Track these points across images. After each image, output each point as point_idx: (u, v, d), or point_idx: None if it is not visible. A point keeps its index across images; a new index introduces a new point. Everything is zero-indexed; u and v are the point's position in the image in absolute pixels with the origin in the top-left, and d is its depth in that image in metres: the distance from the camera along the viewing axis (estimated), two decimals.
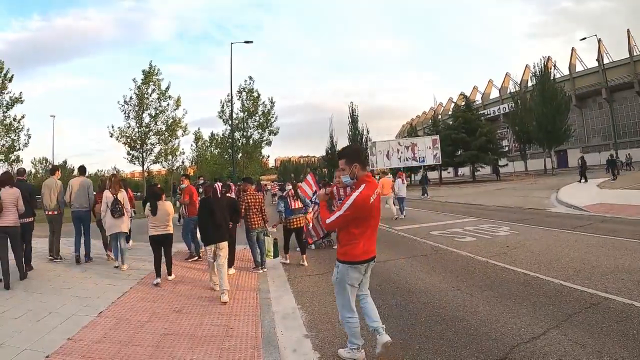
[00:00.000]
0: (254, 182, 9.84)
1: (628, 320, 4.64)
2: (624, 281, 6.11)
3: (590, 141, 70.95)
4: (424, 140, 49.61)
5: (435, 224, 14.21)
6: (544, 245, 9.29)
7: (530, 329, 4.59)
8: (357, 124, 72.39)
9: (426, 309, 5.54)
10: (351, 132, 72.15)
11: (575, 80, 70.58)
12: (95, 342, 4.71)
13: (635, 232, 10.06)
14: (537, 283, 6.38)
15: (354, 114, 72.96)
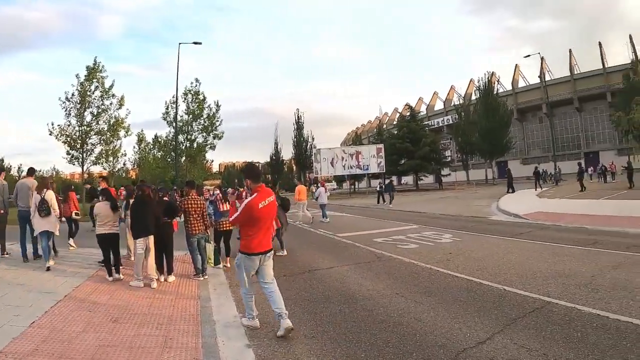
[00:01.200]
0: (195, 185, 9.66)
1: (571, 323, 4.83)
2: (565, 285, 6.41)
3: (530, 153, 77.07)
4: (369, 148, 51.18)
5: (379, 231, 14.41)
6: (486, 252, 9.64)
7: (476, 334, 4.67)
8: (302, 130, 73.79)
9: (371, 316, 5.53)
10: (296, 138, 73.51)
11: (517, 95, 77.17)
12: (26, 355, 4.37)
13: (573, 239, 10.69)
14: (480, 289, 6.55)
15: (299, 121, 74.31)
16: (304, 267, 9.14)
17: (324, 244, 12.35)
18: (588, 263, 7.91)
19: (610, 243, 9.92)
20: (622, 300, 5.56)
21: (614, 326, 4.67)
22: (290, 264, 9.56)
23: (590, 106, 70.05)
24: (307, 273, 8.50)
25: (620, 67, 60.38)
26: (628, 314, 4.99)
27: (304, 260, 9.98)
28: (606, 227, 12.56)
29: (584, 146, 71.26)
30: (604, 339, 4.33)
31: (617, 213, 15.18)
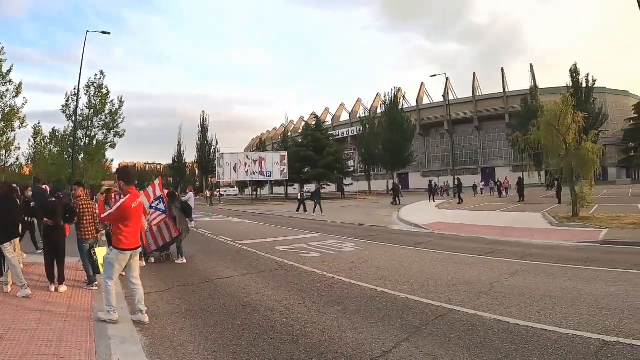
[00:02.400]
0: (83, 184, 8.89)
1: (474, 329, 5.06)
2: (466, 293, 6.77)
3: (430, 166, 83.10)
4: (273, 155, 51.76)
5: (280, 239, 14.37)
6: (388, 261, 9.93)
7: (382, 343, 4.70)
8: (207, 133, 73.89)
9: (274, 327, 5.38)
10: (200, 141, 73.42)
11: (421, 112, 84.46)
12: None
13: (472, 248, 11.48)
14: (383, 298, 6.66)
15: (204, 123, 74.38)
16: (204, 276, 8.82)
17: (224, 252, 12.08)
18: (487, 271, 8.47)
19: (506, 252, 10.80)
20: (520, 305, 5.99)
21: (515, 330, 5.00)
22: (190, 272, 9.23)
23: (489, 126, 78.50)
24: (207, 282, 8.19)
25: (519, 92, 68.28)
26: (527, 319, 5.38)
27: (204, 268, 9.67)
28: (502, 237, 13.65)
29: (481, 162, 78.64)
30: (507, 343, 4.60)
31: (512, 224, 16.80)
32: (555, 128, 17.99)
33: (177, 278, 8.58)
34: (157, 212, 10.35)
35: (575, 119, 18.19)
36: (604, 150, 18.83)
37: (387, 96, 60.05)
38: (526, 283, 7.34)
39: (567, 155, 18.08)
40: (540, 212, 20.91)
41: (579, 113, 18.64)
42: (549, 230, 15.05)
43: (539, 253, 10.59)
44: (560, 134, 17.90)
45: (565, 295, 6.47)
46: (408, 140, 57.45)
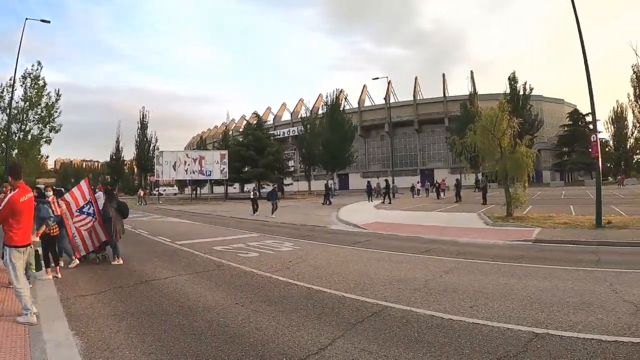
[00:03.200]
0: None
1: (408, 325, 5.19)
2: (401, 290, 6.94)
3: (370, 167, 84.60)
4: (213, 154, 50.99)
5: (219, 239, 14.22)
6: (325, 260, 10.01)
7: (318, 340, 4.74)
8: (146, 130, 72.30)
9: (211, 327, 5.30)
10: (139, 138, 71.68)
11: (362, 113, 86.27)
12: None
13: (409, 247, 11.80)
14: (320, 296, 6.71)
15: (144, 120, 72.63)
16: (141, 277, 8.60)
17: (162, 253, 11.83)
18: (422, 269, 8.72)
19: (442, 251, 11.18)
20: (454, 301, 6.22)
21: (447, 325, 5.18)
22: (127, 273, 9.00)
23: (429, 129, 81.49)
24: (144, 284, 7.98)
25: (459, 97, 71.35)
26: (460, 314, 5.60)
27: (141, 269, 9.43)
28: (439, 236, 14.09)
29: (421, 164, 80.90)
30: (440, 337, 4.77)
31: (448, 224, 17.38)
32: (491, 132, 18.85)
33: (113, 279, 8.34)
34: (87, 217, 10.27)
35: (510, 124, 19.12)
36: (539, 155, 19.90)
37: (329, 97, 60.72)
38: (460, 280, 7.62)
39: (502, 158, 18.98)
40: (476, 212, 21.78)
41: (514, 118, 19.59)
42: (484, 230, 15.67)
43: (474, 251, 11.04)
44: (495, 138, 18.78)
45: (497, 291, 6.78)
46: (348, 141, 58.41)
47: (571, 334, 4.85)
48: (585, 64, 16.36)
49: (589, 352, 4.34)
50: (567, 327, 5.08)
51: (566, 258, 9.93)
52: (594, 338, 4.70)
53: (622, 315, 5.51)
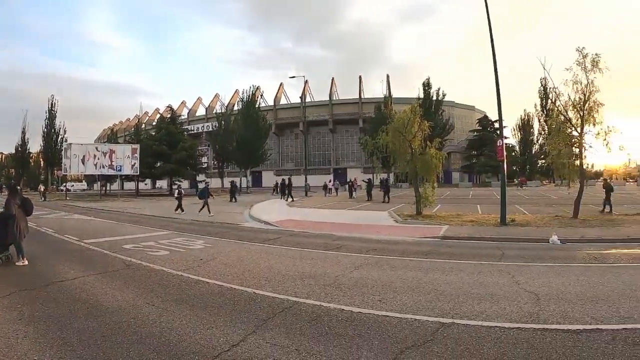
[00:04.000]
0: None
1: (319, 319, 5.31)
2: (311, 286, 7.06)
3: (284, 165, 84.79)
4: (124, 148, 48.18)
5: (130, 237, 13.59)
6: (236, 258, 9.93)
7: (229, 337, 4.72)
8: (54, 120, 67.71)
9: (121, 329, 5.07)
10: (47, 129, 67.23)
11: (278, 111, 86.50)
12: None
13: (320, 244, 12.02)
14: (231, 293, 6.65)
15: (52, 109, 67.82)
16: (48, 278, 8.01)
17: (69, 252, 11.15)
18: (333, 265, 8.93)
19: (352, 247, 11.45)
20: (363, 295, 6.42)
21: (357, 318, 5.36)
22: (32, 275, 8.35)
23: (343, 129, 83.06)
24: (51, 285, 7.44)
25: (374, 99, 73.53)
26: (369, 307, 5.81)
27: (47, 270, 8.80)
28: (350, 233, 14.47)
29: (334, 163, 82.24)
30: (349, 329, 4.93)
31: (359, 222, 17.87)
32: (403, 134, 19.67)
33: (18, 282, 7.71)
34: None
35: (421, 127, 20.06)
36: (449, 157, 21.13)
37: (245, 93, 59.93)
38: (370, 275, 7.89)
39: (413, 159, 19.87)
40: (387, 210, 22.53)
41: (425, 122, 20.57)
42: (394, 227, 16.29)
43: (384, 248, 11.46)
44: (406, 139, 19.62)
45: (405, 285, 7.09)
46: (263, 138, 58.21)
47: (476, 322, 5.20)
48: (495, 75, 17.50)
49: (493, 338, 4.68)
50: (472, 316, 5.44)
51: (472, 253, 10.59)
52: (498, 326, 5.08)
53: (523, 304, 5.99)
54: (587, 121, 17.96)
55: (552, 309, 5.83)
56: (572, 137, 18.59)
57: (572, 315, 5.56)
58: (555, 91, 19.68)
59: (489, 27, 17.60)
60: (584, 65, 17.74)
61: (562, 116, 18.80)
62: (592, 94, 17.72)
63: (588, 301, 6.25)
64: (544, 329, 5.05)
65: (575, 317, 5.51)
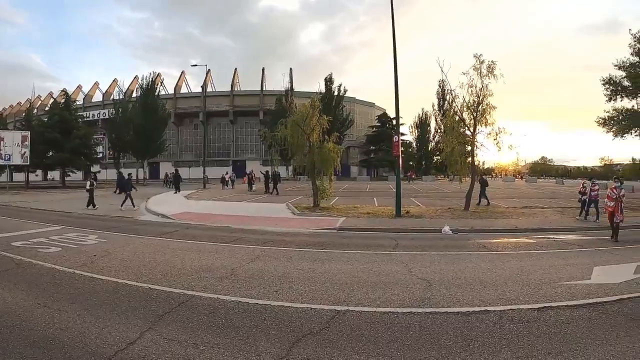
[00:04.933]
0: None
1: (216, 312, 5.33)
2: (208, 279, 7.03)
3: (182, 157, 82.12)
4: (13, 135, 43.14)
5: (17, 234, 12.36)
6: (132, 253, 9.55)
7: (126, 335, 4.57)
8: None
9: (13, 332, 4.68)
10: None
11: (178, 100, 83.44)
12: None
13: (217, 237, 11.93)
14: (126, 289, 6.42)
15: None
16: None
17: None
18: (229, 258, 8.92)
19: (249, 239, 11.51)
20: (260, 287, 6.52)
21: (254, 309, 5.46)
22: None
23: (244, 120, 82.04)
24: None
25: (276, 92, 73.50)
26: (266, 298, 5.94)
27: None
28: (247, 226, 14.46)
29: (233, 155, 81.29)
30: (247, 321, 5.02)
31: (257, 214, 17.94)
32: (301, 127, 19.96)
33: None
34: None
35: (320, 121, 20.48)
36: (348, 151, 21.82)
37: (145, 80, 57.05)
38: (266, 267, 8.01)
39: (310, 153, 20.20)
40: (285, 203, 22.77)
41: (324, 116, 21.00)
42: (291, 219, 16.53)
43: (281, 239, 11.62)
44: (305, 133, 19.91)
45: (302, 275, 7.29)
46: (161, 128, 56.05)
47: (370, 309, 5.52)
48: (395, 73, 18.27)
49: (386, 323, 5.00)
50: (367, 303, 5.75)
51: (367, 244, 11.07)
52: (391, 311, 5.42)
53: (416, 290, 6.43)
54: (479, 122, 19.43)
55: (443, 293, 6.32)
56: (466, 136, 19.99)
57: (462, 299, 6.06)
58: (452, 93, 21.05)
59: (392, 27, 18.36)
60: (480, 70, 19.13)
61: (457, 116, 20.14)
62: (486, 97, 19.20)
63: (477, 286, 6.83)
64: (435, 312, 5.46)
65: (465, 300, 6.02)
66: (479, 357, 4.18)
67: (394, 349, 4.30)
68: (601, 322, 5.29)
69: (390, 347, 4.36)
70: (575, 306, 5.89)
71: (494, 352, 4.29)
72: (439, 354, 4.21)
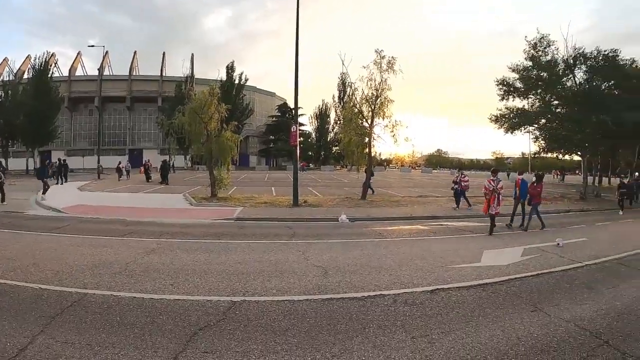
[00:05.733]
0: None
1: (110, 310, 5.17)
2: (101, 275, 6.75)
3: (76, 144, 76.49)
4: None
5: None
6: (20, 250, 8.78)
7: (16, 340, 4.24)
8: None
9: None
10: None
11: (72, 83, 76.35)
12: None
13: (111, 230, 11.45)
14: (14, 291, 5.93)
15: None
16: None
17: None
18: (124, 252, 8.60)
19: (145, 232, 11.19)
20: (155, 281, 6.41)
21: (149, 304, 5.37)
22: None
23: (141, 107, 78.04)
24: None
25: (176, 78, 70.16)
26: (161, 292, 5.85)
27: None
28: (143, 218, 14.02)
29: (130, 143, 77.20)
30: (142, 317, 4.91)
31: (154, 205, 17.46)
32: (199, 116, 19.55)
33: None
34: None
35: (218, 109, 20.21)
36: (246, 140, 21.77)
37: (37, 60, 51.59)
38: (162, 259, 7.86)
39: (208, 141, 19.91)
40: (182, 193, 22.23)
41: (222, 104, 20.69)
42: (188, 210, 16.32)
43: (177, 231, 11.46)
44: (203, 121, 19.53)
45: (198, 267, 7.27)
46: (53, 112, 51.07)
47: (267, 298, 5.69)
48: (295, 63, 18.42)
49: (283, 311, 5.18)
50: (263, 292, 5.91)
51: (265, 233, 11.25)
52: (288, 299, 5.63)
53: (312, 278, 6.71)
54: (377, 114, 20.27)
55: (339, 280, 6.65)
56: (364, 128, 20.75)
57: (357, 284, 6.42)
58: (351, 86, 21.71)
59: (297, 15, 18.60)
60: (381, 65, 19.89)
61: (356, 109, 20.81)
62: (384, 91, 20.08)
63: (372, 271, 7.26)
64: (331, 298, 5.74)
65: (360, 285, 6.39)
66: (374, 339, 4.45)
67: (291, 336, 4.46)
68: (490, 301, 5.90)
69: (287, 334, 4.51)
70: (466, 287, 6.49)
71: (389, 334, 4.60)
72: (335, 339, 4.43)
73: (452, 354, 4.17)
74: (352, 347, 4.22)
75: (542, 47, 28.32)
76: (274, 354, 4.04)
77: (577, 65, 28.19)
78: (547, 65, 28.36)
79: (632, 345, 4.54)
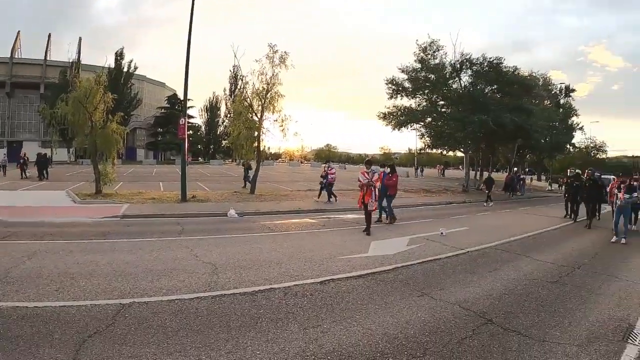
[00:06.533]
0: None
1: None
2: None
3: None
4: None
5: None
6: None
7: None
8: None
9: None
10: None
11: None
12: None
13: None
14: None
15: None
16: None
17: None
18: (3, 257, 7.62)
19: (26, 234, 10.03)
20: (38, 287, 5.82)
21: (33, 314, 4.84)
22: None
23: (23, 94, 69.79)
24: None
25: (62, 63, 63.81)
26: (46, 299, 5.34)
27: None
28: (22, 218, 12.63)
29: (8, 134, 69.36)
30: (27, 328, 4.41)
31: (34, 204, 15.74)
32: (84, 105, 18.16)
33: None
34: None
35: (105, 98, 18.91)
36: (133, 133, 20.73)
37: None
38: (44, 263, 7.16)
39: (93, 133, 18.60)
40: (65, 190, 20.59)
41: (109, 94, 19.43)
42: (72, 208, 15.10)
43: (60, 231, 10.53)
44: (87, 111, 18.19)
45: (83, 270, 6.79)
46: None
47: (156, 298, 5.51)
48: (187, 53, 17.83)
49: (174, 311, 5.06)
50: (152, 293, 5.71)
51: (152, 230, 10.82)
52: (178, 298, 5.51)
53: (202, 275, 6.62)
54: (267, 109, 20.26)
55: (229, 276, 6.64)
56: (253, 122, 20.62)
57: (248, 280, 6.46)
58: (242, 79, 21.48)
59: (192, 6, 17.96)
60: (273, 59, 19.83)
61: (247, 102, 20.60)
62: (275, 86, 20.11)
63: (262, 266, 7.32)
64: (222, 294, 5.72)
65: (251, 280, 6.42)
66: (267, 332, 4.53)
67: (183, 336, 4.38)
68: (379, 289, 6.24)
69: (179, 334, 4.43)
70: (355, 277, 6.81)
71: (281, 326, 4.70)
72: (228, 335, 4.44)
73: (343, 341, 4.38)
74: (245, 343, 4.27)
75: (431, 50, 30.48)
76: (167, 356, 3.95)
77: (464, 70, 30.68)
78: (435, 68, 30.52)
79: (513, 321, 5.14)
